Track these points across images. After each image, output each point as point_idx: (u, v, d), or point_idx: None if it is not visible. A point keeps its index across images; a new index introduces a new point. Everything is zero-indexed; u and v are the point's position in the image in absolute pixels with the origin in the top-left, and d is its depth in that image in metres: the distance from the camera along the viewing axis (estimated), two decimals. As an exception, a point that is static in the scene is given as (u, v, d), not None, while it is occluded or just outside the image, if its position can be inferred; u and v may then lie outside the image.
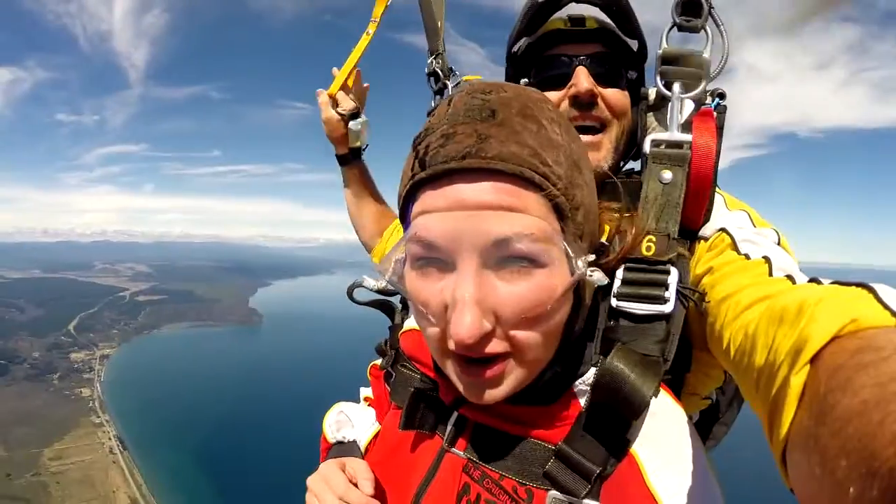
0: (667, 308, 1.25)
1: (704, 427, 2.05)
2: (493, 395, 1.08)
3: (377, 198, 2.89)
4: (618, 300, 1.28)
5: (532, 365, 1.10)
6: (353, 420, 1.77)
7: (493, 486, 1.18)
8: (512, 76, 1.98)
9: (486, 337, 1.00)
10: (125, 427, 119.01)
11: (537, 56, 1.84)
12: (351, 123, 2.68)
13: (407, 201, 1.11)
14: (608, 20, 1.78)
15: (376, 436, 1.64)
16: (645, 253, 1.32)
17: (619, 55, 1.78)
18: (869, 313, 0.74)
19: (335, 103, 2.64)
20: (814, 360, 0.74)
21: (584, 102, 1.70)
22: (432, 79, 2.55)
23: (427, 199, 1.03)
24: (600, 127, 1.74)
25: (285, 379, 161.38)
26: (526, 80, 1.89)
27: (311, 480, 1.45)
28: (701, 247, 1.45)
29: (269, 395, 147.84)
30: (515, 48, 1.93)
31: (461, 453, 1.27)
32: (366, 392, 1.93)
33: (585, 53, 1.74)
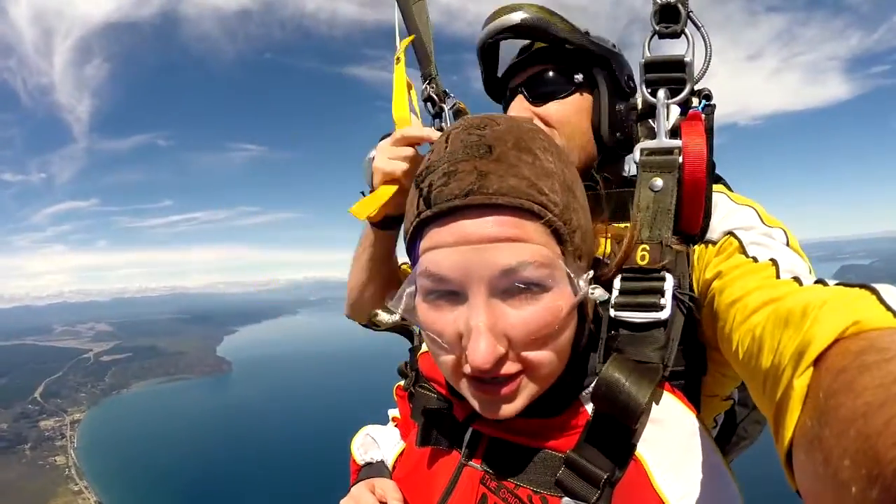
0: (663, 315, 1.27)
1: (730, 426, 2.09)
2: (508, 410, 1.14)
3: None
4: (616, 310, 1.30)
5: (545, 380, 1.16)
6: (378, 441, 1.82)
7: (509, 496, 1.23)
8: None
9: (501, 360, 1.07)
10: (105, 491, 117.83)
11: (504, 89, 2.01)
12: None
13: (414, 238, 1.17)
14: (529, 40, 1.89)
15: (402, 454, 1.69)
16: (640, 262, 1.33)
17: (559, 66, 1.85)
18: (871, 315, 0.76)
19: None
20: (817, 362, 0.76)
21: None
22: (428, 104, 2.49)
23: (434, 235, 1.09)
24: None
25: (262, 423, 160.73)
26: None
27: (344, 503, 1.52)
28: (710, 251, 1.46)
29: (247, 440, 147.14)
30: (497, 85, 2.09)
31: (478, 466, 1.31)
32: (393, 412, 1.99)
33: (522, 81, 1.89)
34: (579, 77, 1.84)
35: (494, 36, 1.87)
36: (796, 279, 1.15)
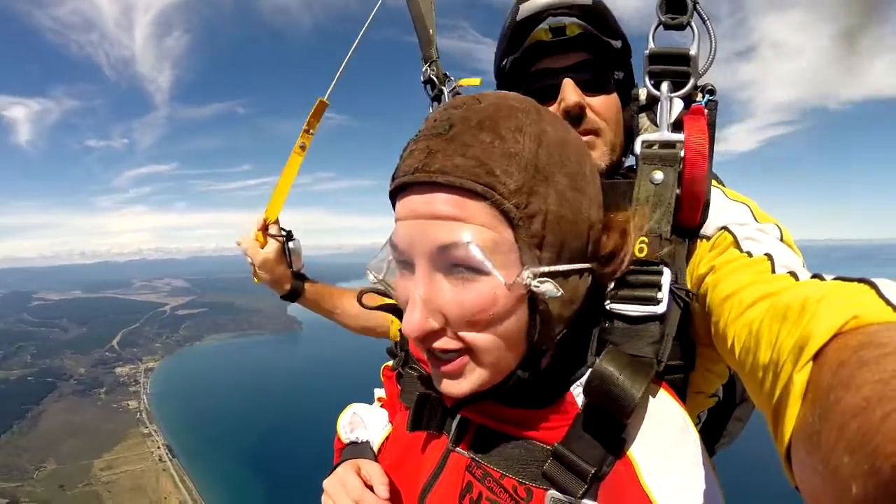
0: (659, 309, 1.25)
1: (716, 424, 2.06)
2: (455, 388, 1.14)
3: (352, 294, 2.89)
4: (611, 302, 1.29)
5: (491, 368, 1.13)
6: (365, 421, 1.80)
7: (494, 485, 1.22)
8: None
9: (435, 334, 1.08)
10: (173, 436, 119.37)
11: (524, 71, 1.83)
12: (291, 245, 2.73)
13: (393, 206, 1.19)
14: (588, 25, 1.74)
15: (388, 437, 1.68)
16: (637, 254, 1.32)
17: (603, 59, 1.75)
18: (871, 309, 0.75)
19: (265, 232, 2.67)
20: (816, 357, 0.75)
21: (573, 115, 1.69)
22: (428, 86, 2.51)
23: (398, 207, 1.12)
24: (595, 133, 1.74)
25: (329, 382, 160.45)
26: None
27: (328, 483, 1.48)
28: (703, 246, 1.46)
29: (314, 398, 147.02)
30: (503, 65, 1.90)
31: (465, 453, 1.30)
32: (379, 393, 1.96)
33: (570, 64, 1.73)
34: (619, 74, 1.78)
35: (555, 9, 1.73)
36: (792, 274, 1.14)
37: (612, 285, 1.30)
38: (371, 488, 1.42)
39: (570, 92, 1.68)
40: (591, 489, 1.10)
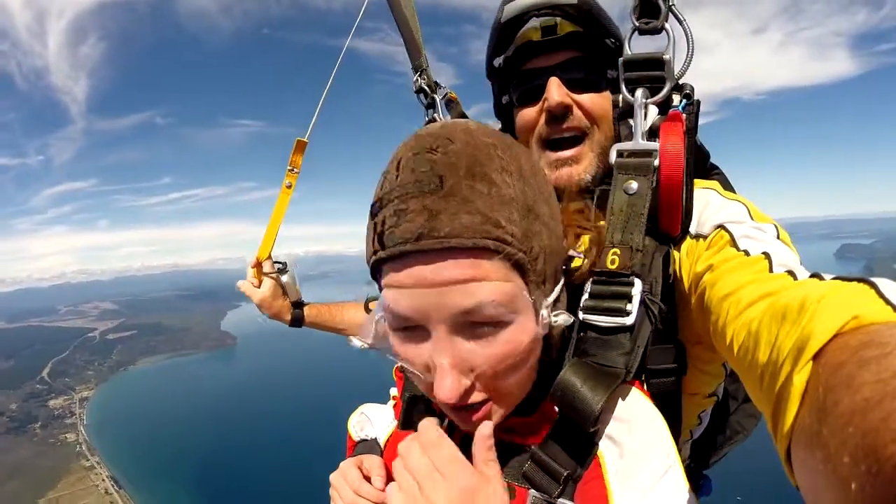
0: (628, 321, 1.26)
1: (721, 421, 2.07)
2: (482, 425, 1.14)
3: (357, 307, 3.09)
4: (584, 313, 1.30)
5: (515, 400, 1.21)
6: (372, 419, 1.85)
7: None
8: (496, 93, 1.99)
9: (467, 392, 1.09)
10: (116, 466, 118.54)
11: (514, 71, 1.83)
12: (284, 279, 2.89)
13: (374, 271, 1.16)
14: (577, 23, 1.73)
15: (392, 434, 1.73)
16: (609, 266, 1.32)
17: (595, 57, 1.73)
18: (870, 309, 0.75)
19: (259, 270, 2.82)
20: (816, 357, 0.75)
21: (557, 115, 1.69)
22: (421, 95, 2.57)
23: (391, 274, 1.08)
24: (581, 135, 1.73)
25: (268, 396, 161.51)
26: (507, 96, 1.91)
27: (333, 476, 1.51)
28: (700, 245, 1.45)
29: (255, 413, 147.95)
30: (496, 64, 1.91)
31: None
32: (394, 391, 1.99)
33: (558, 62, 1.72)
34: (612, 73, 1.71)
35: (538, 10, 1.71)
36: (790, 272, 1.14)
37: (586, 297, 1.32)
38: (370, 480, 1.45)
39: (554, 91, 1.68)
40: (566, 490, 1.13)
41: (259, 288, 2.80)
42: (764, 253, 1.25)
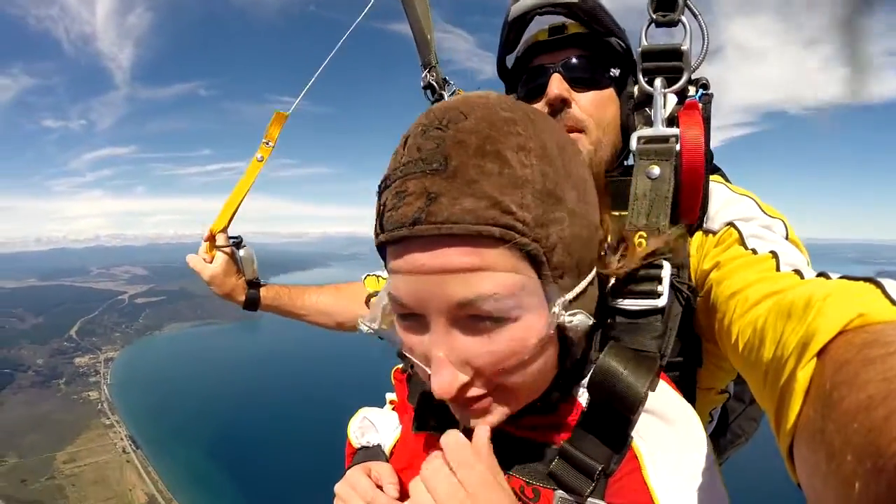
0: (660, 302, 1.24)
1: (724, 422, 2.05)
2: (483, 422, 1.09)
3: (321, 290, 2.93)
4: (612, 297, 1.28)
5: (521, 401, 1.11)
6: (376, 425, 1.77)
7: None
8: (508, 90, 2.00)
9: (465, 386, 1.02)
10: (136, 427, 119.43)
11: (523, 69, 1.88)
12: (241, 254, 2.67)
13: (380, 251, 1.10)
14: (579, 22, 1.77)
15: (399, 440, 1.65)
16: (637, 249, 1.31)
17: (598, 56, 1.77)
18: (876, 308, 0.75)
19: (212, 243, 2.62)
20: (820, 354, 0.74)
21: (555, 108, 1.72)
22: (428, 91, 2.55)
23: (392, 259, 1.02)
24: (579, 131, 1.74)
25: (289, 370, 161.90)
26: (516, 94, 1.92)
27: (339, 487, 1.45)
28: (709, 241, 1.46)
29: (275, 385, 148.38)
30: (507, 63, 1.97)
31: None
32: (391, 396, 1.93)
33: (560, 59, 1.76)
34: (615, 72, 1.78)
35: (541, 9, 1.77)
36: (797, 272, 1.13)
37: (612, 281, 1.29)
38: (382, 488, 1.39)
39: (554, 85, 1.71)
40: (598, 487, 1.07)
41: (211, 264, 2.64)
42: (772, 252, 1.25)
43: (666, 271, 1.27)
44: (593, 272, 1.12)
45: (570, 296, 1.01)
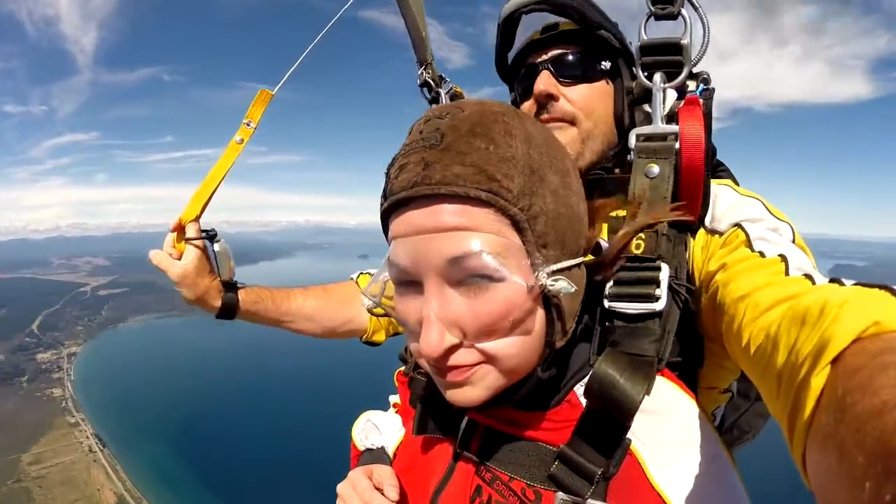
0: (658, 306, 1.24)
1: (730, 420, 2.04)
2: (467, 396, 1.12)
3: (307, 292, 2.66)
4: (609, 301, 1.28)
5: (507, 373, 1.12)
6: (380, 427, 1.79)
7: (502, 488, 1.21)
8: (509, 90, 2.03)
9: (453, 349, 1.06)
10: (101, 424, 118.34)
11: (518, 68, 1.90)
12: (216, 247, 2.29)
13: (385, 227, 1.17)
14: (567, 19, 1.78)
15: (402, 442, 1.68)
16: (634, 251, 1.31)
17: (588, 51, 1.77)
18: (892, 316, 0.75)
19: (181, 235, 2.24)
20: (835, 360, 0.75)
21: (542, 103, 1.75)
22: (425, 89, 2.51)
23: (394, 226, 1.10)
24: (568, 121, 1.75)
25: (257, 362, 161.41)
26: (513, 93, 1.97)
27: (341, 487, 1.48)
28: (715, 241, 1.44)
29: (242, 378, 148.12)
30: (503, 60, 1.99)
31: (473, 457, 1.30)
32: (394, 398, 1.95)
33: (550, 57, 1.78)
34: (606, 65, 1.77)
35: (527, 7, 1.77)
36: (808, 276, 1.13)
37: (610, 283, 1.29)
38: (382, 490, 1.42)
39: (540, 81, 1.73)
40: (598, 490, 1.08)
41: (179, 260, 2.20)
42: (780, 255, 1.24)
43: (664, 274, 1.28)
44: (580, 258, 1.16)
45: (554, 266, 1.06)
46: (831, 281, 1.06)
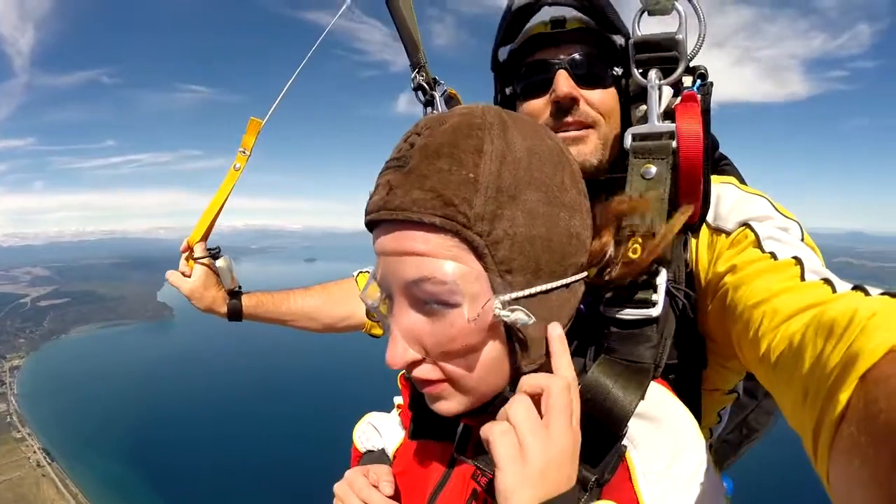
0: (654, 312, 1.22)
1: (737, 420, 2.07)
2: (443, 407, 1.15)
3: (307, 292, 2.91)
4: (605, 307, 1.26)
5: (470, 392, 1.13)
6: (379, 429, 1.82)
7: None
8: (499, 86, 1.95)
9: (417, 363, 1.10)
10: (48, 438, 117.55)
11: (520, 63, 1.80)
12: (219, 264, 2.59)
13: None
14: (590, 19, 1.70)
15: (401, 444, 1.70)
16: (631, 256, 1.23)
17: (602, 54, 1.70)
18: None
19: (190, 255, 2.55)
20: (865, 374, 0.73)
21: (564, 107, 1.66)
22: (419, 92, 2.50)
23: (373, 241, 1.14)
24: (587, 129, 1.69)
25: (205, 370, 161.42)
26: (510, 88, 1.87)
27: (337, 486, 1.48)
28: (722, 240, 1.42)
29: (190, 387, 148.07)
30: (500, 56, 1.90)
31: (469, 461, 1.25)
32: (398, 400, 1.95)
33: (566, 56, 1.68)
34: (618, 70, 1.71)
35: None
36: (826, 281, 1.11)
37: (607, 291, 1.26)
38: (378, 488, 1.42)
39: (562, 83, 1.64)
40: (592, 496, 1.08)
41: (189, 277, 2.55)
42: (794, 258, 1.21)
43: (662, 278, 1.24)
44: (568, 279, 1.13)
45: (517, 294, 1.04)
46: (854, 288, 1.04)
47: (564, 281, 1.12)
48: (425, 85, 2.47)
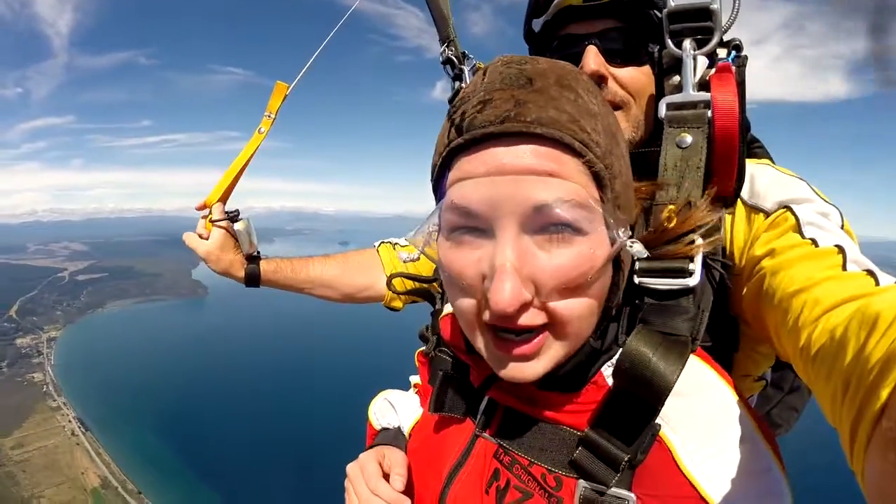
0: (692, 281, 1.18)
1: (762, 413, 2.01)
2: (528, 371, 1.05)
3: (326, 261, 2.81)
4: (640, 276, 1.23)
5: (572, 340, 1.06)
6: (396, 407, 1.78)
7: (522, 473, 1.16)
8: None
9: (524, 307, 0.98)
10: (83, 408, 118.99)
11: (553, 36, 1.75)
12: (236, 226, 2.49)
13: (442, 170, 1.08)
14: None
15: (419, 422, 1.65)
16: (666, 224, 1.23)
17: (638, 29, 1.63)
18: None
19: (208, 216, 2.50)
20: None
21: None
22: (448, 66, 2.47)
23: (464, 165, 1.01)
24: (616, 108, 1.63)
25: (236, 348, 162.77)
26: None
27: (350, 468, 1.46)
28: (760, 220, 1.39)
29: (222, 364, 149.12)
30: (534, 27, 1.85)
31: (492, 438, 1.25)
32: (415, 379, 1.92)
33: (597, 31, 1.63)
34: (654, 48, 1.62)
35: None
36: (869, 273, 1.07)
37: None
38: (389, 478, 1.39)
39: (590, 59, 1.59)
40: (623, 478, 1.03)
41: (207, 240, 2.47)
42: (837, 246, 1.17)
43: (698, 243, 1.22)
44: (636, 222, 1.15)
45: (627, 228, 1.03)
46: None
47: (629, 231, 1.08)
48: (454, 59, 2.45)
